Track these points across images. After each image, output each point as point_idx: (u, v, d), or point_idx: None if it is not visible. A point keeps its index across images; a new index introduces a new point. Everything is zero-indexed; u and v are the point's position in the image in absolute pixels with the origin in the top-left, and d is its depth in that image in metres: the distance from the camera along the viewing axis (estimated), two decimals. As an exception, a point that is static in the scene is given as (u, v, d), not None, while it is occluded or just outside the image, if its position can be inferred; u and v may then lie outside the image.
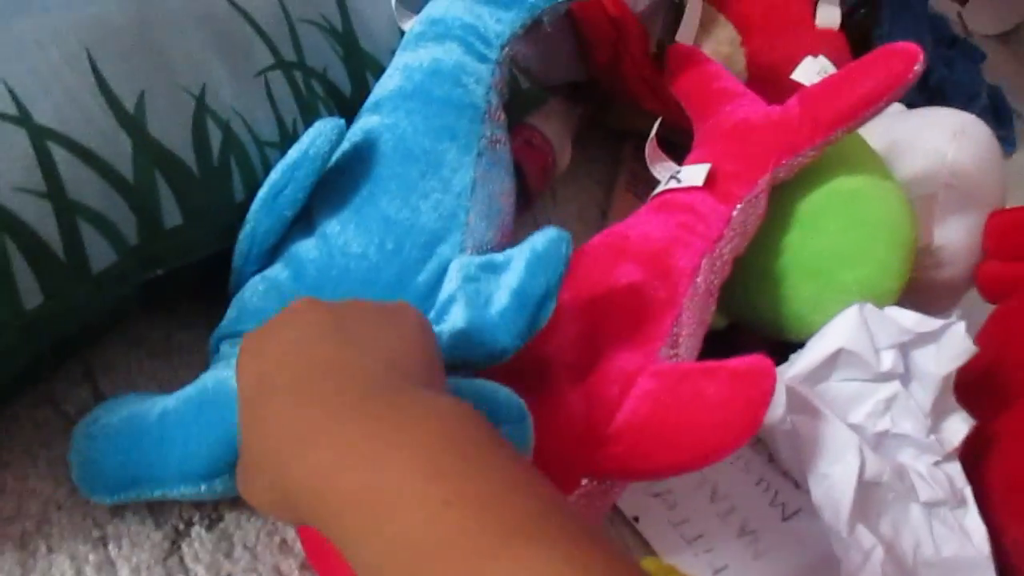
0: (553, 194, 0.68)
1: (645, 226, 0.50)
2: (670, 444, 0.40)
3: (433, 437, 0.25)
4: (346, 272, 0.41)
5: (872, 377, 0.49)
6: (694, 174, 0.51)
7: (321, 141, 0.41)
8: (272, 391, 0.28)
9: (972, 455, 0.52)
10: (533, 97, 0.61)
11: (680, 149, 0.57)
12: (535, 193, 0.62)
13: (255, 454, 0.28)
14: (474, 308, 0.38)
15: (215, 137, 0.41)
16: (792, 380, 0.49)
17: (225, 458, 0.36)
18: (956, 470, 0.50)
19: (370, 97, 0.48)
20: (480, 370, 0.38)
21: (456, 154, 0.44)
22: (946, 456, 0.50)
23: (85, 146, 0.36)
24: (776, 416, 0.47)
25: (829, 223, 0.54)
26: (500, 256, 0.40)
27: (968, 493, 0.50)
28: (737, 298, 0.55)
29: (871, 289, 0.53)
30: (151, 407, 0.38)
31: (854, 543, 0.45)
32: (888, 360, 0.49)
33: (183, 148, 0.40)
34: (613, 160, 0.74)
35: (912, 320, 0.50)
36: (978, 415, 0.52)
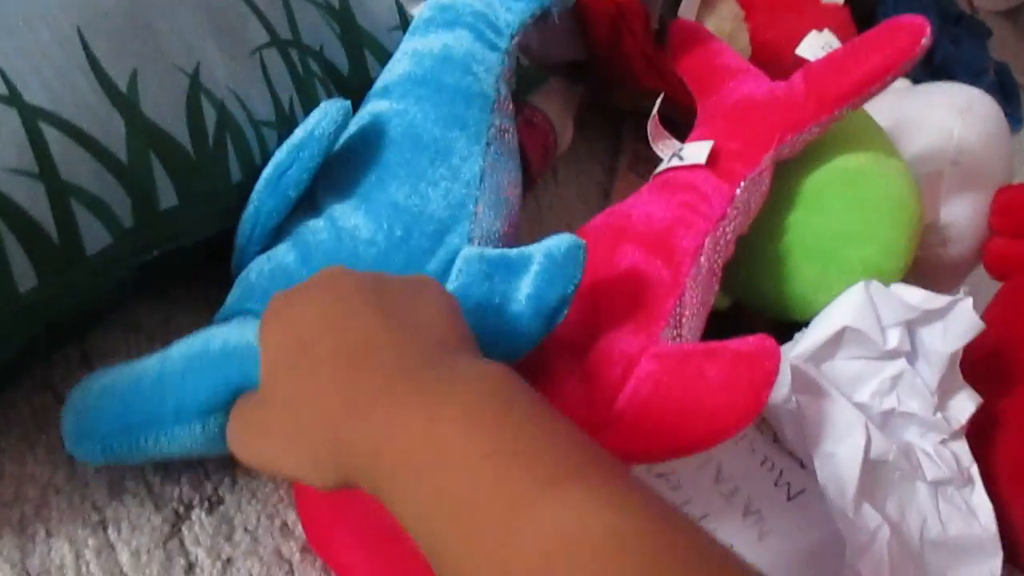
0: (554, 174, 0.67)
1: (647, 206, 0.49)
2: (671, 426, 0.39)
3: (477, 398, 0.27)
4: (355, 257, 0.41)
5: (878, 355, 0.49)
6: (696, 152, 0.50)
7: (327, 122, 0.40)
8: (318, 359, 0.29)
9: (979, 433, 0.52)
10: (533, 76, 0.60)
11: (683, 128, 0.56)
12: (536, 174, 0.62)
13: (301, 419, 0.29)
14: (487, 309, 0.38)
15: (210, 117, 0.41)
16: (797, 359, 0.48)
17: (224, 395, 0.35)
18: (963, 448, 0.50)
19: (378, 81, 0.47)
20: None
21: (465, 143, 0.44)
22: (953, 434, 0.50)
23: (77, 126, 0.36)
24: (781, 395, 0.46)
25: (833, 202, 0.53)
26: (514, 254, 0.39)
27: (975, 471, 0.50)
28: (740, 278, 0.54)
29: (876, 268, 0.52)
30: (151, 358, 0.38)
31: (860, 522, 0.44)
32: (894, 338, 0.48)
33: (177, 128, 0.39)
34: (615, 140, 0.74)
35: (919, 297, 0.49)
36: (984, 393, 0.52)
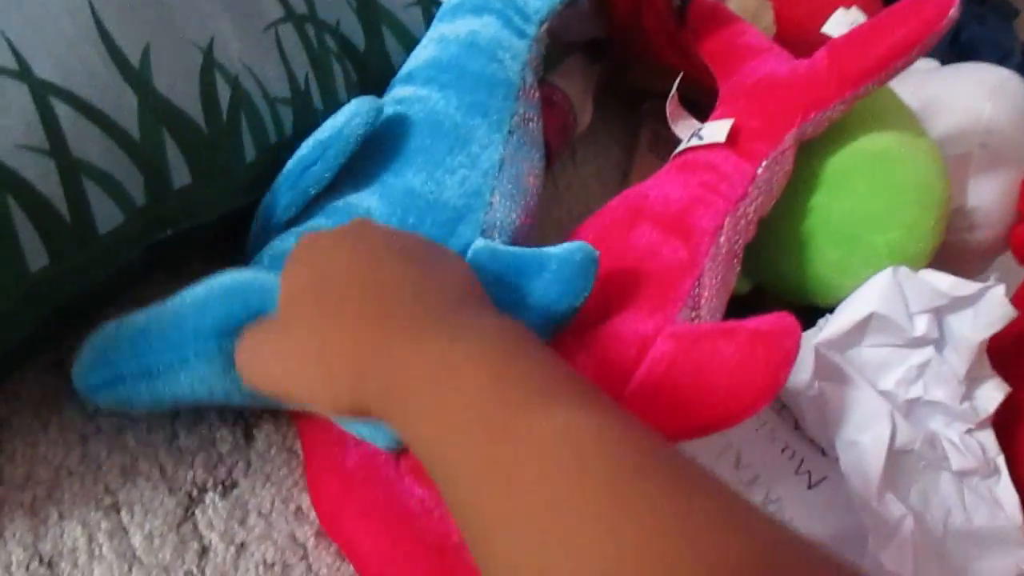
0: (573, 155, 0.66)
1: (665, 186, 0.48)
2: (685, 407, 0.39)
3: (489, 335, 0.29)
4: None
5: (905, 342, 0.48)
6: (716, 130, 0.49)
7: (357, 122, 0.40)
8: (344, 295, 0.31)
9: (1006, 422, 0.51)
10: (551, 54, 0.59)
11: (703, 109, 0.55)
12: (554, 153, 0.61)
13: (323, 342, 0.31)
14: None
15: (224, 93, 0.40)
16: (821, 345, 0.48)
17: (241, 318, 0.35)
18: (989, 438, 0.49)
19: (403, 67, 0.47)
20: None
21: (486, 131, 0.44)
22: (979, 424, 0.49)
23: (88, 101, 0.35)
24: (803, 381, 0.45)
25: (859, 184, 0.52)
26: (528, 254, 0.39)
27: (1001, 462, 0.49)
28: (762, 261, 0.53)
29: (901, 252, 0.51)
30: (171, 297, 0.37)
31: (883, 512, 0.43)
32: (922, 325, 0.47)
33: (191, 104, 0.38)
34: (634, 120, 0.72)
35: (948, 283, 0.48)
36: (1012, 381, 0.51)
